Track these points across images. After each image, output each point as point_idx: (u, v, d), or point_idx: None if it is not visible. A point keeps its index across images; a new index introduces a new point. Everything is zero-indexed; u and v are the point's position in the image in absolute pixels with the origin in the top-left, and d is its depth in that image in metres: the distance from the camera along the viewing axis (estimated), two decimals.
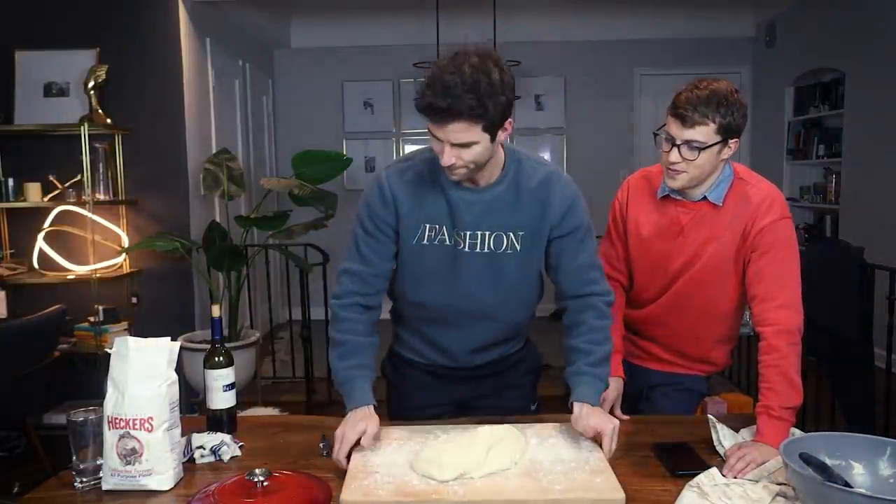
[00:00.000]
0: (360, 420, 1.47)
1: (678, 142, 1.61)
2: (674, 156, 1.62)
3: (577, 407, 1.52)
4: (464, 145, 1.41)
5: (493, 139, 1.43)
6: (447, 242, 1.59)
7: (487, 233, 1.57)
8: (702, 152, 1.60)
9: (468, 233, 1.57)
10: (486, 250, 1.58)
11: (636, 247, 1.83)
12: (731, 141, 1.62)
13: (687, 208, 1.74)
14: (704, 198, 1.71)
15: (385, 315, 1.82)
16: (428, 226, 1.58)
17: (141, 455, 1.35)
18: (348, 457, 1.43)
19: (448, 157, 1.42)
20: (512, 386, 1.80)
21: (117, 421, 1.36)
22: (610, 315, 1.66)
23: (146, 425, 1.35)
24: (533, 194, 1.57)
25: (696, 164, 1.62)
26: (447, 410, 1.80)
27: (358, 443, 1.44)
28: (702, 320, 1.83)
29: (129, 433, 1.35)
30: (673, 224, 1.76)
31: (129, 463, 1.35)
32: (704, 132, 1.58)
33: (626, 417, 1.74)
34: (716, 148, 1.60)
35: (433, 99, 1.36)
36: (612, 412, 1.72)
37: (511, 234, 1.58)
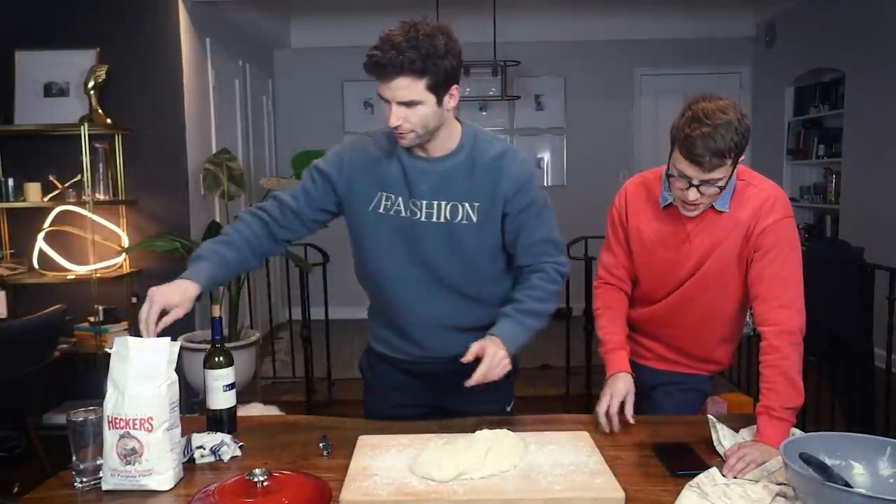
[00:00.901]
0: (176, 289, 1.50)
1: (696, 182, 1.58)
2: (693, 195, 1.60)
3: (487, 334, 1.57)
4: (409, 104, 1.47)
5: (439, 102, 1.49)
6: (403, 214, 1.62)
7: (443, 202, 1.61)
8: (722, 189, 1.60)
9: (424, 202, 1.61)
10: (442, 220, 1.61)
11: (640, 255, 1.81)
12: (740, 160, 1.61)
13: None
14: (711, 206, 1.70)
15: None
16: (384, 194, 1.63)
17: (141, 455, 1.35)
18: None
19: (395, 118, 1.48)
20: (488, 388, 1.73)
21: (117, 421, 1.35)
22: (557, 281, 1.67)
23: (146, 425, 1.35)
24: (487, 167, 1.61)
25: (715, 196, 1.62)
26: (424, 412, 1.80)
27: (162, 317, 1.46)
28: (706, 320, 1.82)
29: (129, 433, 1.35)
30: (678, 232, 1.74)
31: (129, 463, 1.35)
32: (723, 170, 1.56)
33: (632, 420, 1.69)
34: (732, 174, 1.61)
35: (378, 56, 1.43)
36: (622, 411, 1.66)
37: (466, 205, 1.61)
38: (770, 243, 1.64)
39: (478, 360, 1.53)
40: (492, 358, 1.51)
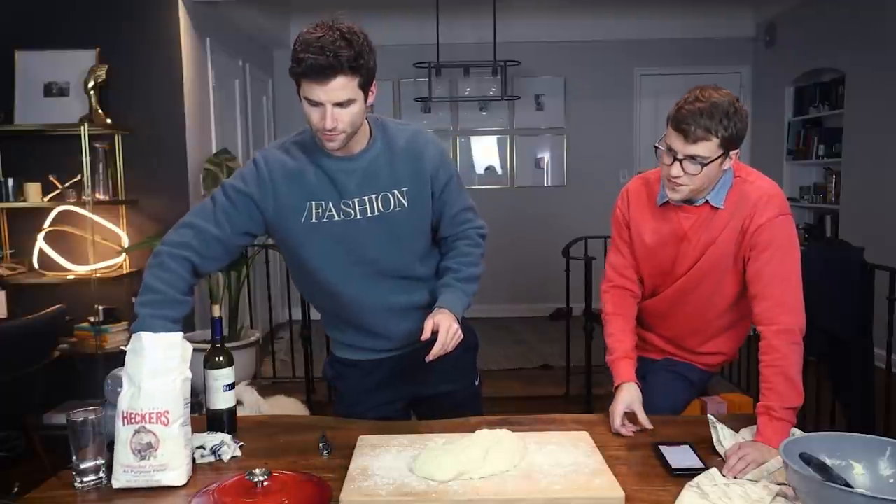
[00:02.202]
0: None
1: (680, 156, 1.59)
2: (675, 170, 1.61)
3: (435, 308, 1.62)
4: (343, 104, 1.47)
5: (365, 100, 1.52)
6: (336, 218, 1.62)
7: (374, 195, 1.62)
8: (705, 167, 1.59)
9: (356, 200, 1.62)
10: (376, 213, 1.63)
11: (641, 253, 1.83)
12: (732, 152, 1.61)
13: (688, 213, 1.73)
14: (706, 201, 1.70)
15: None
16: (313, 203, 1.61)
17: (157, 449, 1.35)
18: None
19: (331, 119, 1.47)
20: (453, 368, 1.79)
21: (132, 416, 1.36)
22: (481, 244, 1.77)
23: (162, 419, 1.36)
24: (405, 151, 1.65)
25: (699, 177, 1.61)
26: (397, 408, 1.83)
27: None
28: (700, 314, 1.83)
29: (144, 427, 1.36)
30: (676, 230, 1.75)
31: (143, 458, 1.35)
32: (707, 147, 1.56)
33: (649, 426, 1.65)
34: (718, 160, 1.59)
35: (314, 59, 1.42)
36: (634, 418, 1.65)
37: (396, 192, 1.64)
38: (766, 241, 1.63)
39: (434, 336, 1.58)
40: (446, 331, 1.56)
